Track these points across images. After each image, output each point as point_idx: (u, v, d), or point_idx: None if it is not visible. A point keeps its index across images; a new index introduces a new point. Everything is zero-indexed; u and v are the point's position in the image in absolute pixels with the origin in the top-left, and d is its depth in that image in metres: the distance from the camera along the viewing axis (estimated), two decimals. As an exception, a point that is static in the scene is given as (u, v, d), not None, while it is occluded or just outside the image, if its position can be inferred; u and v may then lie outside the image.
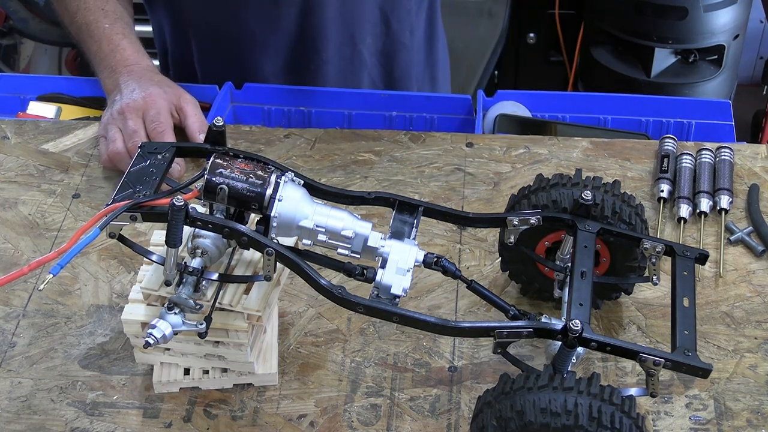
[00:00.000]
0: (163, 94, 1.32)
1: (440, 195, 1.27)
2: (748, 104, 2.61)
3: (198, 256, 0.94)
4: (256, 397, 1.03)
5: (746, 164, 1.30)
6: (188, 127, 1.33)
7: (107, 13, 1.41)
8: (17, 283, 1.15)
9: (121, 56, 1.37)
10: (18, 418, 1.01)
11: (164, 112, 1.30)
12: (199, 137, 1.31)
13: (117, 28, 1.40)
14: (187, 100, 1.35)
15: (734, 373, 1.04)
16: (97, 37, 1.40)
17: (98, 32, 1.40)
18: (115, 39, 1.39)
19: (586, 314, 0.92)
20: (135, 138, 1.27)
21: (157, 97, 1.31)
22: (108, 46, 1.39)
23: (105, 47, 1.39)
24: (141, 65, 1.37)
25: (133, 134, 1.27)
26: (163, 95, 1.32)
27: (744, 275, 1.16)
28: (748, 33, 2.37)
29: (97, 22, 1.41)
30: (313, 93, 1.53)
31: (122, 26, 1.41)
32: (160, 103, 1.30)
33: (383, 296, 0.92)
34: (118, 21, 1.41)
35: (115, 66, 1.37)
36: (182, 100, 1.34)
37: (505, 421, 0.85)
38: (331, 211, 0.94)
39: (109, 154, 1.28)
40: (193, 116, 1.34)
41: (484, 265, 1.18)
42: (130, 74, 1.35)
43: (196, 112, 1.34)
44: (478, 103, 1.47)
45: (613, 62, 2.27)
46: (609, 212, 1.01)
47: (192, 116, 1.33)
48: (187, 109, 1.34)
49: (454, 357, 1.07)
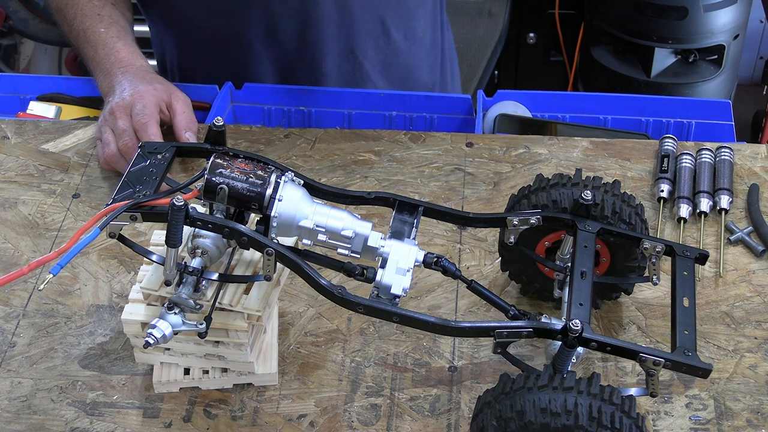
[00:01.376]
0: (152, 91, 1.32)
1: (440, 195, 1.27)
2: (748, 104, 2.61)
3: (198, 256, 0.94)
4: (256, 397, 1.03)
5: (746, 164, 1.30)
6: (175, 125, 1.33)
7: (103, 18, 1.42)
8: (17, 283, 1.15)
9: (116, 58, 1.38)
10: (18, 418, 1.01)
11: (150, 106, 1.30)
12: (186, 135, 1.31)
13: (112, 32, 1.41)
14: (178, 98, 1.35)
15: (734, 373, 1.04)
16: (93, 42, 1.40)
17: (94, 37, 1.40)
18: (110, 42, 1.39)
19: (586, 314, 0.92)
20: (125, 137, 1.27)
21: (144, 93, 1.31)
22: (103, 50, 1.39)
23: (100, 51, 1.39)
24: (135, 65, 1.37)
25: (122, 134, 1.27)
26: (152, 92, 1.32)
27: (744, 275, 1.16)
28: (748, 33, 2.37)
29: (93, 27, 1.41)
30: (313, 93, 1.53)
31: (117, 30, 1.41)
32: (146, 99, 1.30)
33: (383, 296, 0.92)
34: (113, 25, 1.42)
35: (109, 68, 1.37)
36: (173, 97, 1.34)
37: (505, 421, 0.85)
38: (331, 211, 0.94)
39: (105, 158, 1.29)
40: (181, 114, 1.33)
41: (484, 265, 1.18)
42: (124, 75, 1.35)
43: (184, 110, 1.34)
44: (478, 103, 1.47)
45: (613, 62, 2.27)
46: (609, 212, 1.01)
47: (180, 114, 1.33)
48: (176, 106, 1.33)
49: (454, 357, 1.07)
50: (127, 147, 1.26)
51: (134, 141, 1.26)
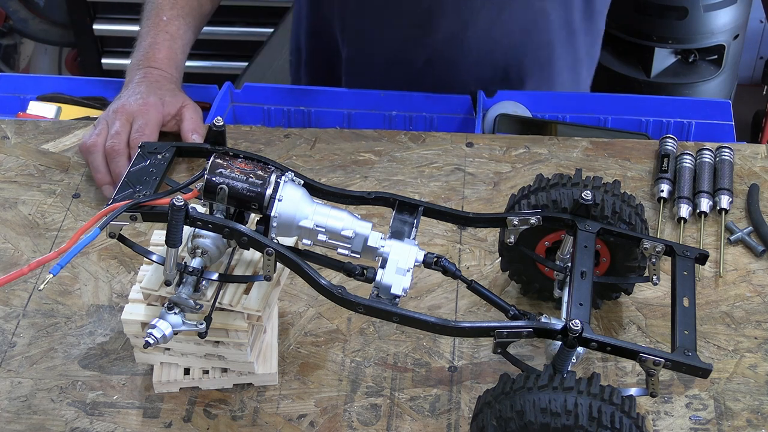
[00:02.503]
0: (159, 106, 1.32)
1: (440, 195, 1.27)
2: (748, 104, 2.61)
3: (198, 256, 0.94)
4: (256, 397, 1.03)
5: (746, 164, 1.30)
6: (183, 129, 1.33)
7: (174, 6, 1.41)
8: (17, 283, 1.15)
9: (153, 56, 1.37)
10: (18, 418, 1.01)
11: (151, 124, 1.29)
12: (192, 137, 1.31)
13: (171, 27, 1.40)
14: (189, 106, 1.34)
15: (734, 373, 1.04)
16: (149, 25, 1.40)
17: (153, 20, 1.40)
18: (160, 37, 1.38)
19: (586, 314, 0.92)
20: (115, 140, 1.26)
21: (151, 107, 1.31)
22: (150, 39, 1.38)
23: (149, 39, 1.38)
24: (162, 71, 1.36)
25: (114, 135, 1.27)
26: (159, 107, 1.32)
27: (744, 275, 1.16)
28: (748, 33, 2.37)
29: (161, 9, 1.40)
30: (313, 93, 1.53)
31: (178, 25, 1.40)
32: (150, 115, 1.30)
33: (383, 296, 0.92)
34: (178, 19, 1.40)
35: (140, 61, 1.37)
36: (183, 107, 1.34)
37: (505, 421, 0.85)
38: (331, 211, 0.94)
39: (88, 145, 1.27)
40: (189, 120, 1.33)
41: (484, 265, 1.18)
42: (146, 76, 1.35)
43: (193, 116, 1.34)
44: (478, 103, 1.47)
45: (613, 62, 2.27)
46: (609, 212, 1.01)
47: (188, 119, 1.33)
48: (185, 113, 1.33)
49: (454, 357, 1.07)
50: (113, 149, 1.25)
51: (122, 147, 1.26)
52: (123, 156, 1.25)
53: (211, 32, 2.49)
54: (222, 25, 2.52)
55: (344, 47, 1.58)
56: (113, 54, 2.71)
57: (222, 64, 2.59)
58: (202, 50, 2.52)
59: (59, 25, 2.64)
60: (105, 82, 1.55)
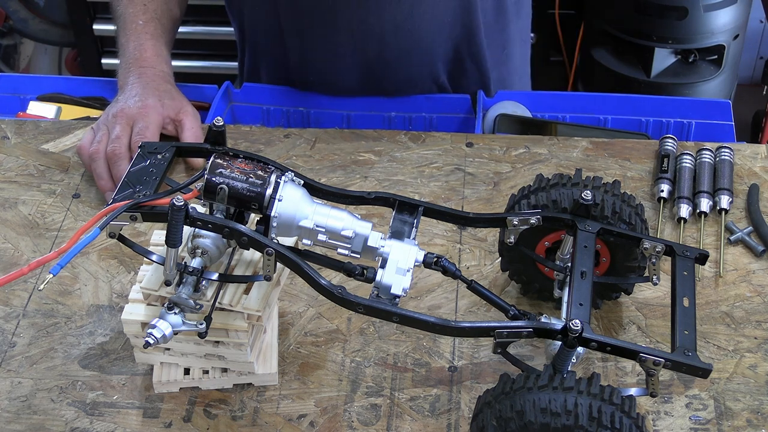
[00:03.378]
0: (159, 108, 1.31)
1: (440, 195, 1.27)
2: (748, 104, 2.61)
3: (198, 256, 0.94)
4: (256, 397, 1.03)
5: (746, 164, 1.30)
6: (182, 139, 1.32)
7: (147, 10, 1.41)
8: (17, 283, 1.15)
9: (141, 56, 1.37)
10: (18, 418, 1.01)
11: (152, 127, 1.29)
12: None
13: (149, 28, 1.40)
14: (187, 112, 1.34)
15: (734, 373, 1.04)
16: (128, 32, 1.40)
17: (131, 27, 1.40)
18: (142, 38, 1.39)
19: (586, 314, 0.92)
20: (116, 144, 1.26)
21: (151, 110, 1.30)
22: (133, 43, 1.39)
23: (132, 43, 1.39)
24: (155, 69, 1.37)
25: (115, 140, 1.27)
26: (159, 108, 1.31)
27: (744, 275, 1.16)
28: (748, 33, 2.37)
29: (134, 16, 1.41)
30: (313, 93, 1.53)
31: (155, 26, 1.41)
32: (151, 117, 1.30)
33: (383, 296, 0.92)
34: (153, 21, 1.41)
35: (131, 64, 1.37)
36: (181, 112, 1.33)
37: (505, 421, 0.85)
38: (331, 211, 0.94)
39: (90, 153, 1.27)
40: (190, 129, 1.33)
41: (484, 265, 1.18)
42: (140, 77, 1.35)
43: (193, 125, 1.33)
44: (478, 103, 1.47)
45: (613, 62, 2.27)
46: (609, 212, 1.01)
47: (188, 129, 1.32)
48: (185, 121, 1.33)
49: (454, 357, 1.07)
50: (115, 153, 1.25)
51: (123, 150, 1.26)
52: (124, 160, 1.25)
53: (210, 32, 2.49)
54: (221, 25, 2.52)
55: (308, 75, 1.55)
56: (113, 54, 2.68)
57: (222, 64, 2.58)
58: (201, 50, 2.52)
59: (59, 25, 2.64)
60: (105, 82, 1.55)
